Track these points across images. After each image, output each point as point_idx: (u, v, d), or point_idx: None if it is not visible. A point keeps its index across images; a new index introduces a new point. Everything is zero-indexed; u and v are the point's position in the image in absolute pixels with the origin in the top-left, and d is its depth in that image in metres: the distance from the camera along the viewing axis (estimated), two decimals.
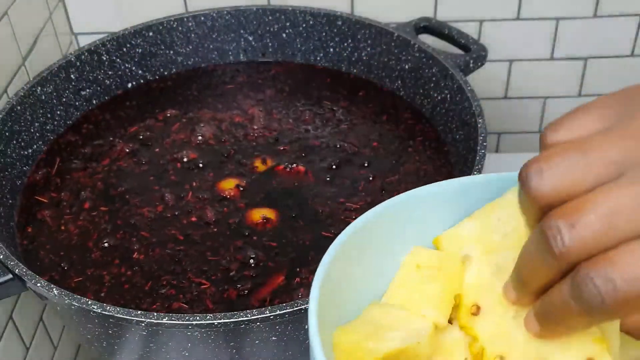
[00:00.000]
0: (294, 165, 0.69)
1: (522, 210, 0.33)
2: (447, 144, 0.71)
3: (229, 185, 0.67)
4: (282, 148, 0.71)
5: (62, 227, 0.65)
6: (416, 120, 0.75)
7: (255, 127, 0.74)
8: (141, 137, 0.74)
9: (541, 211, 0.31)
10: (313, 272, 0.56)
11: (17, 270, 0.53)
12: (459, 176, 0.65)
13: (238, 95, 0.80)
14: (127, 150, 0.72)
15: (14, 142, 0.68)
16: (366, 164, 0.69)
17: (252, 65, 0.84)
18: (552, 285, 0.32)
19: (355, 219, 0.39)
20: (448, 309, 0.38)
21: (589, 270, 0.29)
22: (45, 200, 0.67)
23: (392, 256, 0.42)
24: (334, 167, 0.69)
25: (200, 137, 0.73)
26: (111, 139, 0.74)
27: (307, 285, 0.57)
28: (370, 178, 0.67)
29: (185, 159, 0.70)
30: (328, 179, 0.68)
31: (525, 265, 0.33)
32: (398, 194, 0.40)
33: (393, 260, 0.41)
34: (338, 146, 0.71)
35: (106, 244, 0.62)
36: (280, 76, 0.83)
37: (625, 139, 0.30)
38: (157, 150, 0.73)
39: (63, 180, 0.69)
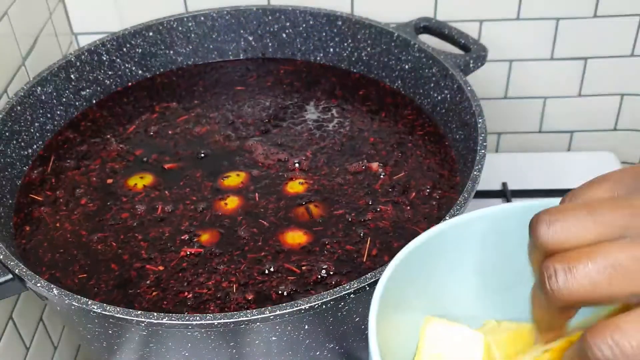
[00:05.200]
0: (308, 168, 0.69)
1: (529, 258, 0.35)
2: (448, 141, 0.71)
3: (233, 182, 0.68)
4: (288, 144, 0.72)
5: (58, 224, 0.64)
6: (417, 117, 0.74)
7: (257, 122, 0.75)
8: (145, 129, 0.75)
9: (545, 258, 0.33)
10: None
11: (17, 270, 0.53)
12: (461, 172, 0.66)
13: (242, 94, 0.80)
14: (130, 143, 0.73)
15: (14, 142, 0.68)
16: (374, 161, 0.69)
17: (254, 63, 0.84)
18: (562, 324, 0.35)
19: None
20: None
21: (595, 339, 0.30)
22: (40, 199, 0.67)
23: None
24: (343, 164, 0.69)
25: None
26: (110, 134, 0.74)
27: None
28: (382, 175, 0.67)
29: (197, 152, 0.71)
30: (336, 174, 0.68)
31: (532, 306, 0.36)
32: (405, 189, 0.40)
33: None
34: (343, 143, 0.71)
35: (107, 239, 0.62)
36: (287, 73, 0.83)
37: (631, 208, 0.32)
38: (163, 140, 0.73)
39: (59, 179, 0.69)
